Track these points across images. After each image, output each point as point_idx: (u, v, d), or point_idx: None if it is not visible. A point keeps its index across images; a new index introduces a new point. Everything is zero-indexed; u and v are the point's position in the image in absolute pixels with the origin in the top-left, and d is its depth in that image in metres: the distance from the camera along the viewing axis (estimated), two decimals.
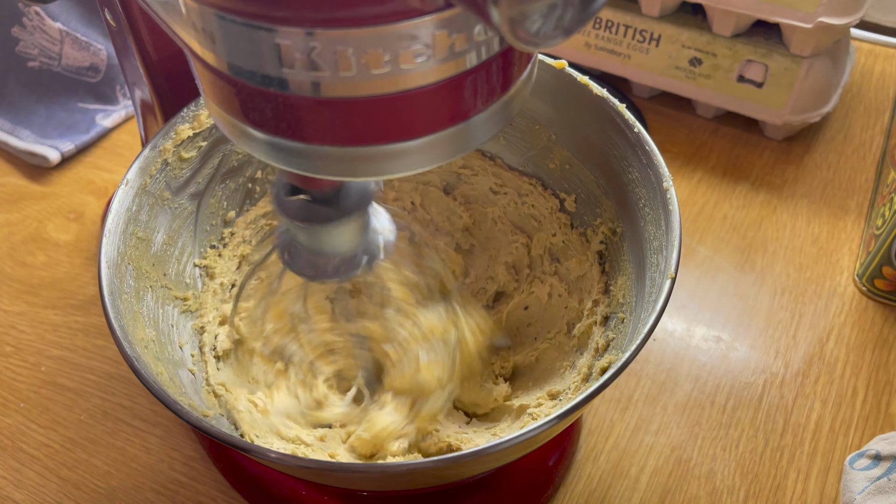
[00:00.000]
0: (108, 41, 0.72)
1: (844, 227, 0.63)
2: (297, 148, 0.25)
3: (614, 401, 0.52)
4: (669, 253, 0.36)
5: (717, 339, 0.56)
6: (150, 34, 0.44)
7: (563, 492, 0.48)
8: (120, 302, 0.37)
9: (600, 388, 0.32)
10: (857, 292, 0.58)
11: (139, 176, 0.42)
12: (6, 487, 0.49)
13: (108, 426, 0.51)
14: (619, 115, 0.42)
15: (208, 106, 0.27)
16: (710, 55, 0.66)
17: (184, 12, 0.23)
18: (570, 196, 0.49)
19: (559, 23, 0.19)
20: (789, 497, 0.47)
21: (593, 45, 0.71)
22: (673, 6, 0.67)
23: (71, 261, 0.62)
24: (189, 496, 0.48)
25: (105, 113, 0.73)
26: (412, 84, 0.23)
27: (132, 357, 0.34)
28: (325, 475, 0.36)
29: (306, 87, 0.23)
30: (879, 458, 0.46)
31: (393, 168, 0.25)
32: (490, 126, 0.26)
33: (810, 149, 0.70)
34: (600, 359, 0.41)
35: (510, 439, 0.31)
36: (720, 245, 0.62)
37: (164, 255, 0.44)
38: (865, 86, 0.76)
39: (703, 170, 0.68)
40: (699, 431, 0.50)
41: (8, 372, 0.55)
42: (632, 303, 0.41)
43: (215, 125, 0.44)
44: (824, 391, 0.52)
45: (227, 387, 0.43)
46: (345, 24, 0.21)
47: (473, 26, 0.22)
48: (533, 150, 0.49)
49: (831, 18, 0.59)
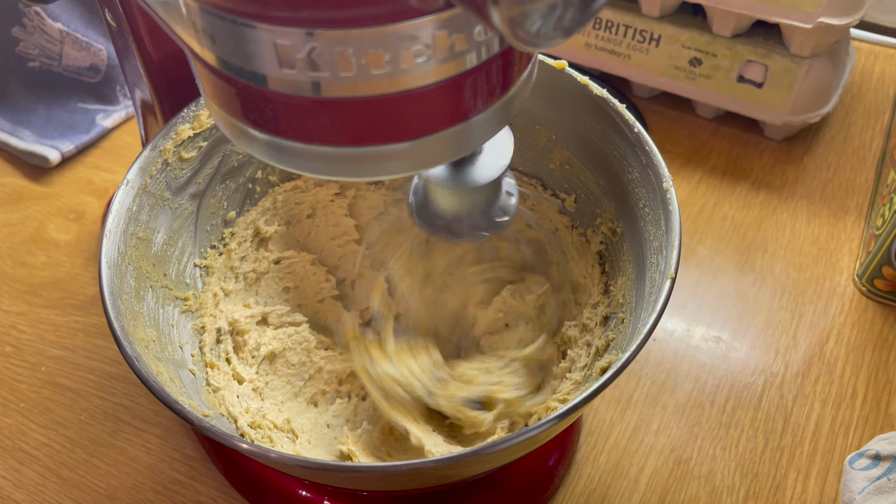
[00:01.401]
0: (108, 41, 0.72)
1: (844, 228, 0.63)
2: (297, 148, 0.25)
3: (614, 401, 0.52)
4: (669, 253, 0.36)
5: (717, 339, 0.56)
6: (150, 34, 0.44)
7: (563, 492, 0.48)
8: (120, 302, 0.37)
9: (600, 388, 0.32)
10: (857, 292, 0.58)
11: (139, 176, 0.42)
12: (6, 487, 0.49)
13: (108, 426, 0.51)
14: (619, 115, 0.42)
15: (208, 106, 0.27)
16: (710, 55, 0.66)
17: (184, 12, 0.23)
18: (570, 196, 0.49)
19: (559, 23, 0.19)
20: (789, 497, 0.47)
21: (593, 45, 0.71)
22: (673, 6, 0.67)
23: (71, 261, 0.62)
24: (189, 496, 0.48)
25: (105, 113, 0.73)
26: (412, 84, 0.23)
27: (132, 357, 0.34)
28: (325, 475, 0.36)
29: (306, 87, 0.23)
30: (879, 458, 0.46)
31: (393, 168, 0.25)
32: (490, 126, 0.26)
33: (810, 149, 0.70)
34: (600, 359, 0.41)
35: (510, 439, 0.31)
36: (720, 245, 0.62)
37: (165, 255, 0.44)
38: (865, 86, 0.76)
39: (703, 170, 0.68)
40: (699, 431, 0.50)
41: (8, 372, 0.55)
42: (632, 303, 0.41)
43: (215, 125, 0.44)
44: (824, 391, 0.52)
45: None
46: (345, 24, 0.21)
47: (473, 26, 0.22)
48: (533, 150, 0.49)
49: (831, 19, 0.59)
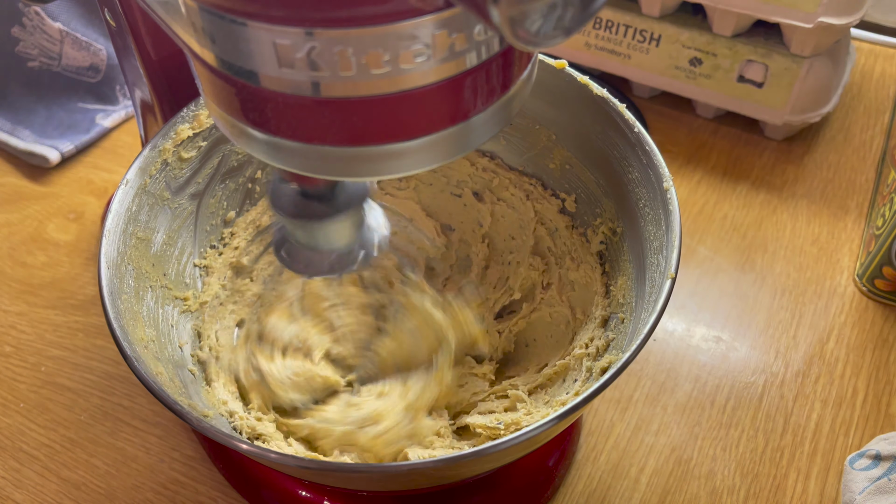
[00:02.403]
0: (108, 41, 0.72)
1: (844, 227, 0.63)
2: (297, 148, 0.25)
3: (614, 401, 0.52)
4: (669, 253, 0.36)
5: (717, 339, 0.55)
6: (150, 34, 0.44)
7: (563, 492, 0.48)
8: (120, 302, 0.37)
9: (600, 388, 0.32)
10: (857, 292, 0.58)
11: (139, 176, 0.42)
12: (6, 487, 0.49)
13: (108, 426, 0.51)
14: (619, 115, 0.42)
15: (208, 106, 0.27)
16: (710, 55, 0.66)
17: (183, 12, 0.23)
18: (570, 196, 0.48)
19: (559, 23, 0.19)
20: (789, 497, 0.47)
21: (593, 45, 0.71)
22: (673, 6, 0.67)
23: (71, 261, 0.62)
24: (189, 496, 0.48)
25: (105, 113, 0.73)
26: (412, 84, 0.23)
27: (132, 357, 0.34)
28: (325, 475, 0.36)
29: (306, 87, 0.23)
30: (879, 458, 0.46)
31: (393, 168, 0.25)
32: (490, 126, 0.26)
33: (810, 149, 0.70)
34: (600, 359, 0.41)
35: (510, 439, 0.31)
36: (720, 245, 0.62)
37: (164, 255, 0.44)
38: (865, 86, 0.76)
39: (703, 170, 0.68)
40: (699, 431, 0.50)
41: (8, 372, 0.55)
42: (632, 303, 0.41)
43: (215, 125, 0.44)
44: (824, 391, 0.52)
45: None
46: (344, 23, 0.21)
47: (473, 26, 0.22)
48: (533, 150, 0.49)
49: (831, 18, 0.59)
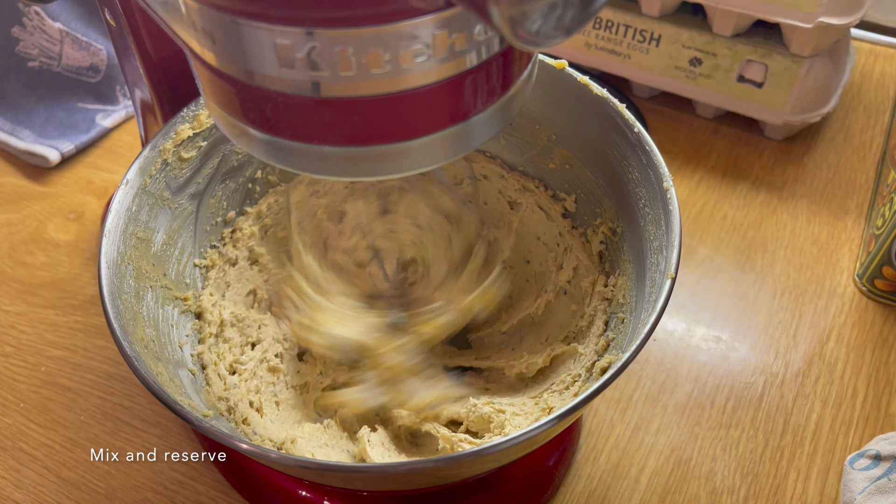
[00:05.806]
0: (108, 41, 0.72)
1: (844, 227, 0.63)
2: (297, 147, 0.25)
3: (614, 401, 0.52)
4: (669, 253, 0.36)
5: (717, 339, 0.55)
6: (150, 34, 0.44)
7: (563, 492, 0.48)
8: (120, 302, 0.37)
9: (600, 388, 0.32)
10: (857, 292, 0.58)
11: (139, 176, 0.42)
12: (6, 487, 0.49)
13: (108, 426, 0.51)
14: (619, 115, 0.42)
15: (208, 106, 0.27)
16: (710, 55, 0.66)
17: (183, 12, 0.23)
18: (570, 196, 0.48)
19: (559, 22, 0.19)
20: (789, 497, 0.47)
21: (593, 45, 0.71)
22: (673, 6, 0.67)
23: (71, 261, 0.62)
24: (189, 496, 0.48)
25: (105, 113, 0.73)
26: (412, 84, 0.23)
27: (132, 357, 0.34)
28: (325, 475, 0.36)
29: (306, 86, 0.23)
30: (879, 458, 0.46)
31: (393, 168, 0.25)
32: (490, 126, 0.26)
33: (810, 149, 0.70)
34: (600, 359, 0.41)
35: (510, 439, 0.31)
36: (720, 245, 0.62)
37: (164, 255, 0.44)
38: (865, 86, 0.76)
39: (703, 170, 0.68)
40: (699, 431, 0.50)
41: (8, 372, 0.55)
42: (632, 303, 0.41)
43: (215, 125, 0.44)
44: (824, 391, 0.52)
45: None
46: (345, 23, 0.21)
47: (473, 26, 0.22)
48: (533, 150, 0.49)
49: (831, 18, 0.59)
